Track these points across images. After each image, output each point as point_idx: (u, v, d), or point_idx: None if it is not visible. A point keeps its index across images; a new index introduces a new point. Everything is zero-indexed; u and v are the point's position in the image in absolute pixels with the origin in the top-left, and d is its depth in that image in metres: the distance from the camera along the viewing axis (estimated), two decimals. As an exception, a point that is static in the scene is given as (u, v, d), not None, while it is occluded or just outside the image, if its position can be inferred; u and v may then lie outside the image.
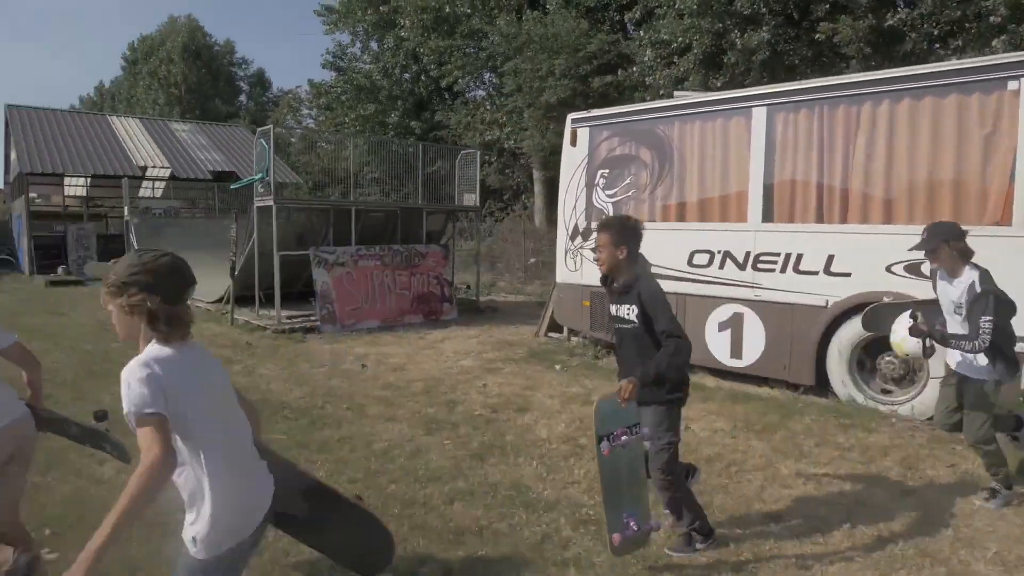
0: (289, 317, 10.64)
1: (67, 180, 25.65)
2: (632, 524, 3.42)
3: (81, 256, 21.13)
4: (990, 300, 3.97)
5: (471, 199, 13.02)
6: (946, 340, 4.17)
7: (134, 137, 27.12)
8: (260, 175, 10.66)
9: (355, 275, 10.81)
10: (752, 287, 7.12)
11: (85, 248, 21.29)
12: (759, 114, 7.10)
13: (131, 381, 2.05)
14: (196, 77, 52.63)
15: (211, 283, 13.73)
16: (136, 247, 17.17)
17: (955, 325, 4.27)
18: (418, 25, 26.04)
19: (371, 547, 2.88)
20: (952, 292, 4.26)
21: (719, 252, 7.39)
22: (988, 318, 3.92)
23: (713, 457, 5.18)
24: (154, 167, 25.02)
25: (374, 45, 30.69)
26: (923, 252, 4.33)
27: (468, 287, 14.01)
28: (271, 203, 10.38)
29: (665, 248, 7.73)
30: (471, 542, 3.79)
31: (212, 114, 47.73)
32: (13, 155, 24.63)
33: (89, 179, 25.01)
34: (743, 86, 10.57)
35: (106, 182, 24.81)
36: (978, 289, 4.04)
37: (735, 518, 4.14)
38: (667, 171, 7.92)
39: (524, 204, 23.17)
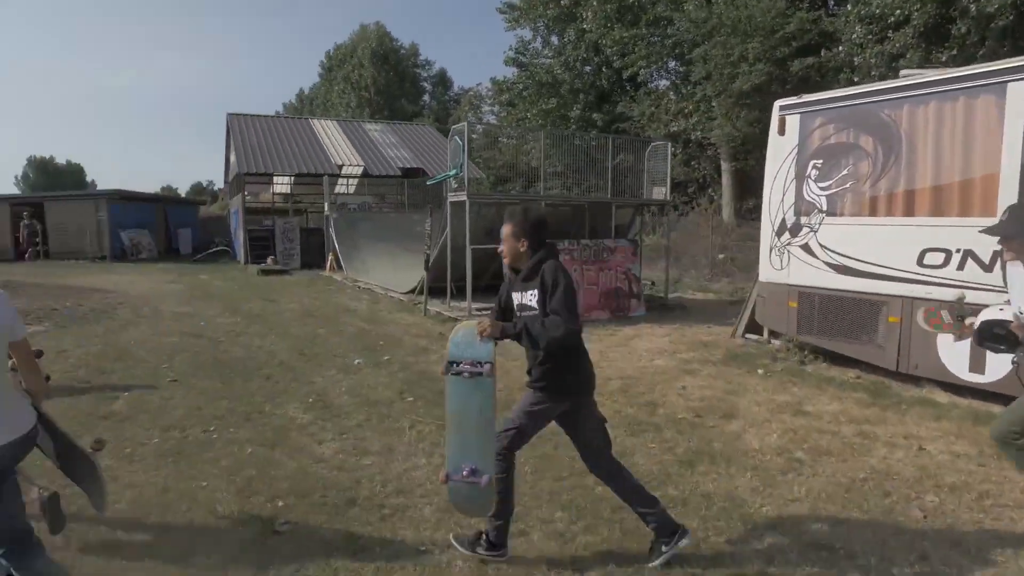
0: (479, 309, 10.89)
1: (275, 179, 28.23)
2: (466, 470, 3.37)
3: (286, 248, 23.17)
4: None
5: (660, 192, 12.62)
6: None
7: (332, 137, 29.30)
8: (454, 171, 10.98)
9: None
10: (1001, 291, 6.18)
11: (290, 240, 23.32)
12: (1017, 90, 6.14)
13: None
14: (384, 79, 56.12)
15: (403, 274, 14.47)
16: (335, 240, 18.53)
17: None
18: (600, 16, 25.78)
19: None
20: None
21: (957, 251, 6.50)
22: None
23: (959, 486, 4.54)
24: (349, 165, 26.89)
25: (555, 39, 30.87)
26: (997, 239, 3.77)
27: (653, 283, 13.62)
28: (464, 198, 10.66)
29: (890, 247, 6.95)
30: (689, 557, 3.55)
31: (399, 114, 50.64)
32: (232, 157, 27.52)
33: (293, 177, 27.36)
34: (976, 60, 9.27)
35: (307, 180, 27.02)
36: None
37: (1000, 561, 3.56)
38: (893, 160, 7.10)
39: (711, 197, 22.23)
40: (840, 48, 17.16)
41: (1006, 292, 4.08)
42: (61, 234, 25.18)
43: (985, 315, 3.91)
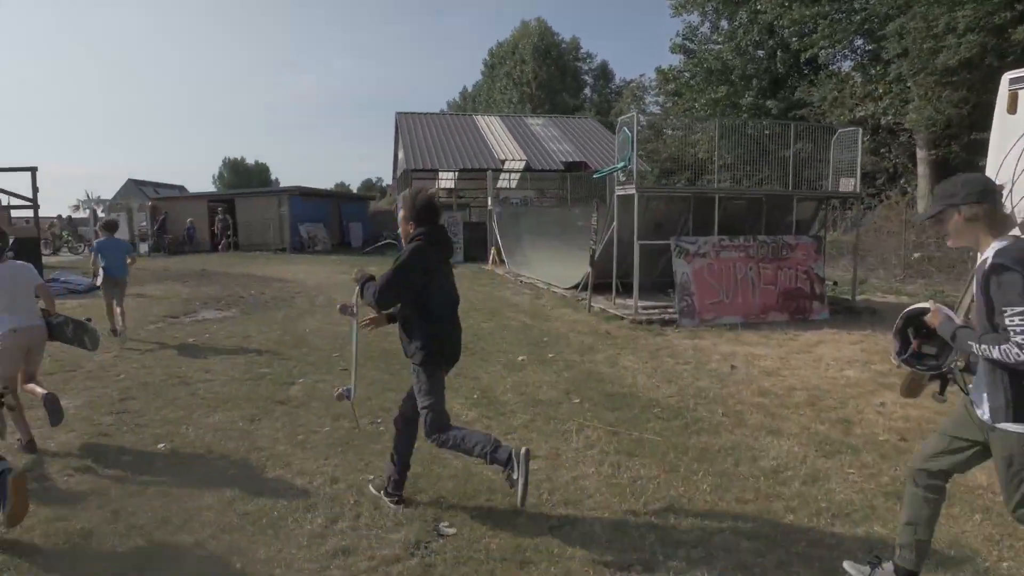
0: (645, 308, 10.40)
1: (440, 174, 29.11)
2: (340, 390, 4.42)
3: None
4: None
5: (848, 184, 11.42)
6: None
7: (495, 133, 29.75)
8: (622, 163, 10.55)
9: (717, 267, 10.14)
10: None
11: (453, 234, 23.90)
12: None
13: None
14: (545, 74, 56.44)
15: (565, 270, 14.23)
16: (498, 234, 18.69)
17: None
18: (778, -4, 24.06)
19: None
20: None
21: None
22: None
23: None
24: (512, 160, 27.16)
25: (725, 23, 29.32)
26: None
27: (835, 284, 12.39)
28: (633, 191, 10.20)
29: None
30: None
31: (560, 108, 50.67)
32: (400, 154, 28.75)
33: (457, 172, 28.08)
34: None
35: (471, 175, 27.63)
36: (988, 264, 2.59)
37: None
38: None
39: (903, 189, 20.02)
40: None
41: None
42: (248, 227, 27.59)
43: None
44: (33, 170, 14.78)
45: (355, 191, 70.70)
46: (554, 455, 4.87)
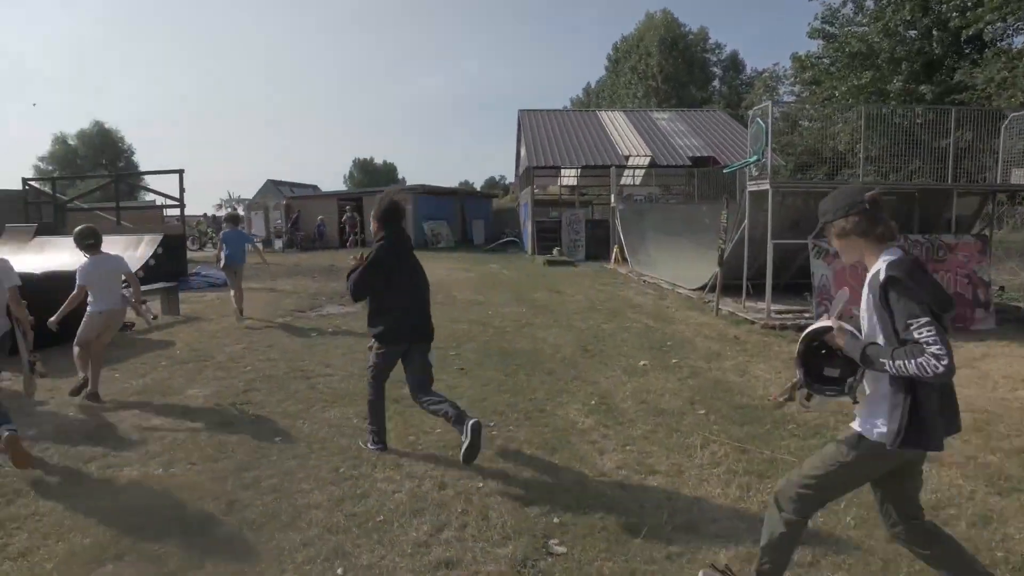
0: (779, 312, 9.66)
1: (562, 171, 28.87)
2: None
3: (572, 239, 23.49)
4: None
5: (1021, 176, 10.10)
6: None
7: (619, 128, 29.12)
8: (755, 157, 9.85)
9: (861, 269, 9.22)
10: None
11: (576, 232, 23.61)
12: None
13: None
14: (672, 67, 54.90)
15: (691, 269, 13.58)
16: (621, 232, 18.20)
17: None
18: (935, -32, 21.94)
19: None
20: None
21: None
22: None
23: None
24: (636, 156, 26.48)
25: (870, 3, 27.15)
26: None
27: (1003, 289, 11.05)
28: (767, 187, 9.49)
29: None
30: None
31: (686, 101, 49.14)
32: (523, 151, 28.73)
33: (580, 169, 27.73)
34: None
35: (594, 172, 27.19)
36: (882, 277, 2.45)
37: None
38: None
39: (1086, 181, 17.66)
40: None
41: None
42: (375, 224, 28.54)
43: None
44: (180, 172, 15.92)
45: (478, 189, 71.96)
46: (676, 472, 4.49)
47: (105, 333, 6.43)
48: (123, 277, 6.55)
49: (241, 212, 29.81)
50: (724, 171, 14.99)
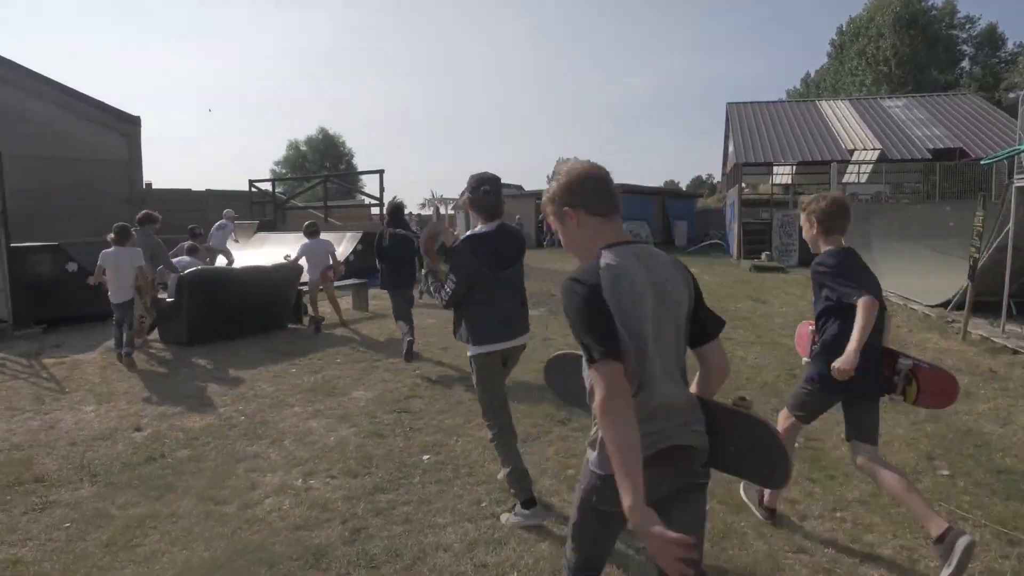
0: (1052, 338, 7.64)
1: (775, 168, 26.51)
2: None
3: (784, 243, 21.37)
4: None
5: None
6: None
7: (843, 119, 26.15)
8: (1024, 143, 7.88)
9: None
10: None
11: (788, 235, 21.44)
12: None
13: None
14: (908, 48, 48.69)
15: (929, 281, 11.47)
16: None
17: None
18: None
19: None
20: None
21: None
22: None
23: None
24: (862, 149, 23.53)
25: None
26: None
27: None
28: (1040, 179, 7.54)
29: None
30: None
31: (926, 86, 43.33)
32: (730, 147, 26.76)
33: (794, 166, 25.25)
34: None
35: (810, 168, 24.61)
36: None
37: None
38: None
39: None
40: None
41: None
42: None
43: None
44: (380, 173, 16.57)
45: (684, 188, 69.44)
46: (906, 559, 3.34)
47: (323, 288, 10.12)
48: (329, 256, 10.10)
49: (444, 211, 30.91)
50: (982, 164, 12.52)
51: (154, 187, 22.02)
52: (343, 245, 14.74)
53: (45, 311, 10.28)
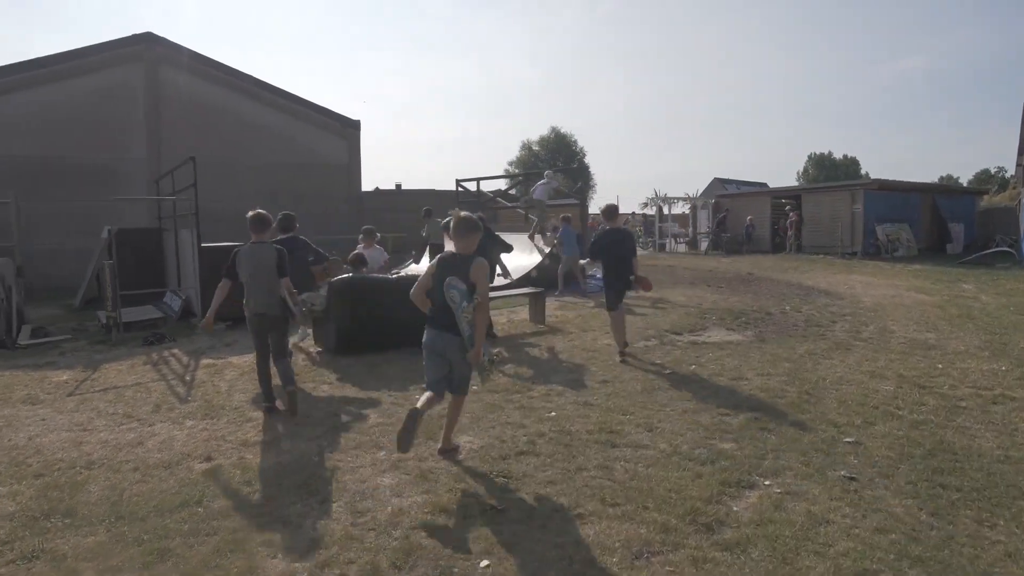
0: None
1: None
2: None
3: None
4: None
5: None
6: None
7: None
8: None
9: None
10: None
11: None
12: None
13: None
14: None
15: None
16: None
17: None
18: None
19: None
20: None
21: None
22: None
23: None
24: None
25: None
26: None
27: None
28: None
29: None
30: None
31: None
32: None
33: None
34: None
35: None
36: None
37: None
38: None
39: None
40: None
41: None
42: (814, 227, 24.30)
43: None
44: (575, 169, 15.09)
45: (965, 184, 59.14)
46: None
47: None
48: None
49: (667, 210, 28.69)
50: None
51: (403, 188, 23.31)
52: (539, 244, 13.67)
53: (229, 309, 10.39)
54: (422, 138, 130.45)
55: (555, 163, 41.93)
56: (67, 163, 15.43)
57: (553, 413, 5.61)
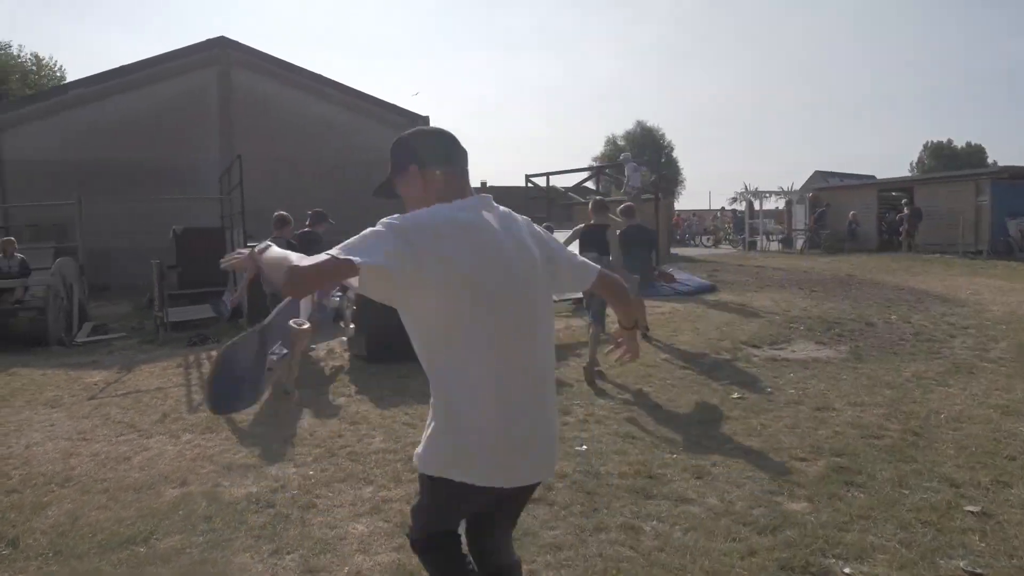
0: None
1: None
2: None
3: None
4: None
5: None
6: None
7: None
8: None
9: None
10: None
11: None
12: None
13: None
14: None
15: None
16: None
17: None
18: None
19: None
20: None
21: None
22: None
23: None
24: None
25: None
26: None
27: None
28: None
29: None
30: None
31: None
32: None
33: None
34: None
35: None
36: None
37: None
38: None
39: None
40: None
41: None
42: (930, 222, 21.72)
43: None
44: (652, 163, 13.91)
45: None
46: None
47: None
48: None
49: (757, 205, 26.69)
50: None
51: (488, 184, 22.89)
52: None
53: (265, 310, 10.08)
54: (501, 136, 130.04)
55: (641, 157, 40.43)
56: (147, 167, 15.70)
57: (584, 447, 4.66)
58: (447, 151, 2.00)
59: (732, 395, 5.85)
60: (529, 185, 16.76)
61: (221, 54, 17.23)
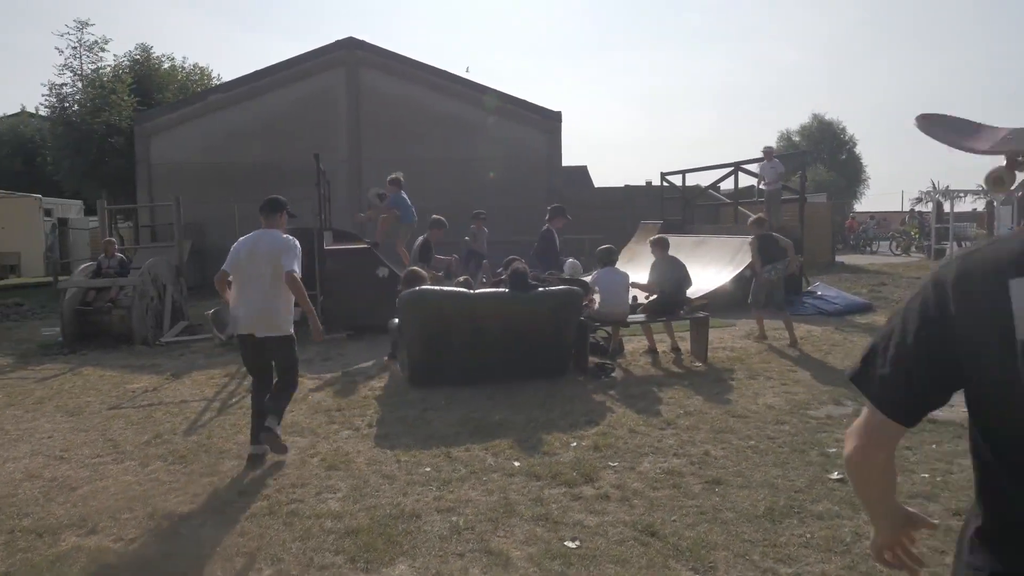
0: None
1: None
2: None
3: None
4: None
5: None
6: None
7: None
8: None
9: None
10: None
11: None
12: None
13: None
14: None
15: None
16: None
17: None
18: None
19: None
20: None
21: None
22: None
23: None
24: None
25: None
26: None
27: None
28: None
29: None
30: None
31: None
32: None
33: None
34: None
35: None
36: None
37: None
38: None
39: None
40: None
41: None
42: None
43: None
44: (796, 156, 11.76)
45: None
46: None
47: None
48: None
49: (948, 207, 22.55)
50: None
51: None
52: (737, 253, 10.69)
53: (350, 318, 9.40)
54: (668, 133, 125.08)
55: (820, 154, 36.48)
56: (283, 167, 15.94)
57: (575, 543, 3.31)
58: None
59: (830, 473, 4.15)
60: (664, 184, 15.14)
61: (348, 55, 17.26)
